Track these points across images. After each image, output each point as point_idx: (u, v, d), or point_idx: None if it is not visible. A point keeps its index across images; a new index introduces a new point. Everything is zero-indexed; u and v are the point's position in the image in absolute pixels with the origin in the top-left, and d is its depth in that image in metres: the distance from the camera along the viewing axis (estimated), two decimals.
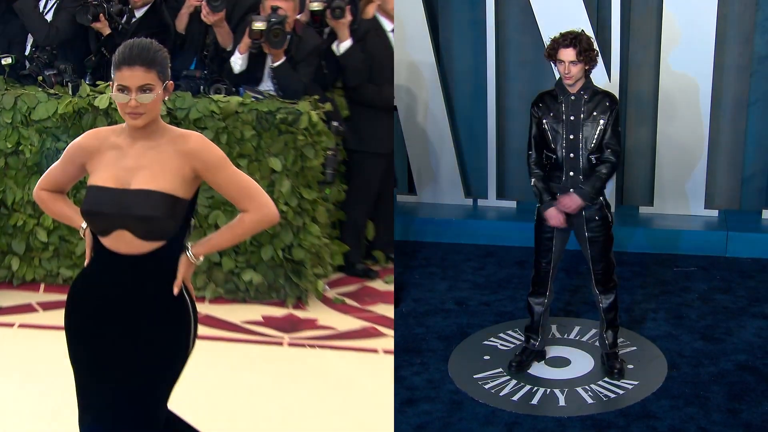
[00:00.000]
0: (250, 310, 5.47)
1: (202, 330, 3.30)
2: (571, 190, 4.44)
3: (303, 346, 5.10)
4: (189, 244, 3.15)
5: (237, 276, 5.53)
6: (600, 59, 4.56)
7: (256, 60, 5.61)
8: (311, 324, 5.34)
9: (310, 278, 5.56)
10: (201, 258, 3.15)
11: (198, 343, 3.25)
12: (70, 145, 3.18)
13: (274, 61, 5.55)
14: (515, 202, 6.80)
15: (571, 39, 4.27)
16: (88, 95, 5.46)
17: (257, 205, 3.14)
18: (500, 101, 6.66)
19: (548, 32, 4.64)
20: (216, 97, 5.46)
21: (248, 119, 5.39)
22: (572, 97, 4.39)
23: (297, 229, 5.48)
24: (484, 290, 5.81)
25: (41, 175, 3.29)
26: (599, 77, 5.67)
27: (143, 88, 2.97)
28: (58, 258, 5.68)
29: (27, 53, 5.85)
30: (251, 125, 5.39)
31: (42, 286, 5.68)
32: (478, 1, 6.54)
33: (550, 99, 4.45)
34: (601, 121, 4.37)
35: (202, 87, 5.54)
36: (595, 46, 4.37)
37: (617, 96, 5.03)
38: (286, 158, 5.40)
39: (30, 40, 5.87)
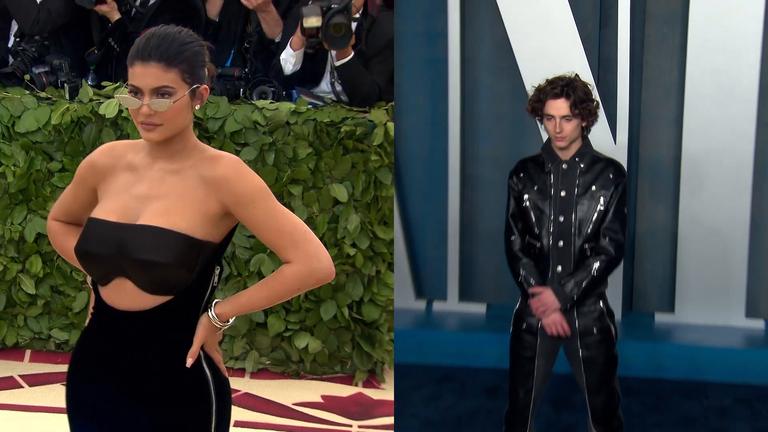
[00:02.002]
0: (306, 388, 5.03)
1: (239, 414, 2.88)
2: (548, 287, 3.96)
3: None
4: (215, 302, 2.74)
5: (288, 342, 5.05)
6: (602, 113, 4.20)
7: (313, 55, 5.07)
8: (388, 408, 4.86)
9: (387, 346, 5.10)
10: (231, 320, 2.72)
11: None
12: (82, 162, 2.86)
13: (339, 58, 4.99)
14: (485, 305, 5.92)
15: (562, 87, 3.91)
16: (90, 100, 4.98)
17: (302, 256, 2.68)
18: (466, 168, 5.86)
19: (531, 76, 4.61)
20: (260, 103, 4.97)
21: (303, 133, 4.93)
22: (564, 165, 4.00)
23: (369, 280, 5.04)
24: (440, 429, 4.99)
25: (27, 206, 3.16)
26: (601, 138, 4.96)
27: (159, 92, 2.58)
28: (50, 316, 5.20)
29: (10, 45, 5.37)
30: (307, 141, 4.94)
31: (27, 353, 5.21)
32: (439, 35, 5.68)
33: (535, 167, 4.06)
34: (602, 199, 3.98)
35: (241, 90, 5.09)
36: (595, 95, 3.98)
37: (625, 165, 4.73)
38: (355, 185, 4.97)
39: (14, 27, 5.39)
